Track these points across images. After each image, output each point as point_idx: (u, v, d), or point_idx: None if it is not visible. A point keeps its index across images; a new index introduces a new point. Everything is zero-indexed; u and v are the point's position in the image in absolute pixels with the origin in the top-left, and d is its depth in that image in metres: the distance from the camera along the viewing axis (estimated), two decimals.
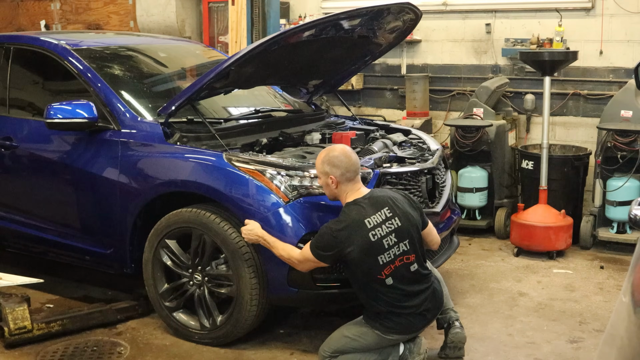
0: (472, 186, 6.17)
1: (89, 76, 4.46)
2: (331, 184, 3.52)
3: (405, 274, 3.46)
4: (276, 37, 4.05)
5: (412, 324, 3.49)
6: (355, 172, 3.53)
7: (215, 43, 7.52)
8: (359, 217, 3.43)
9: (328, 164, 3.51)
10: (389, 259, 3.42)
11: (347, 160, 3.51)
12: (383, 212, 3.46)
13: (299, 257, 3.54)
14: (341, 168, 3.49)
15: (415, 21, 4.87)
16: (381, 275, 3.41)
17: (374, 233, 3.40)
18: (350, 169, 3.50)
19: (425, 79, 7.05)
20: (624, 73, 6.32)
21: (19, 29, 8.91)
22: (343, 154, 3.53)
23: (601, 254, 5.73)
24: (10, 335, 3.99)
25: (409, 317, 3.47)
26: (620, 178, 5.64)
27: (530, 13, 6.69)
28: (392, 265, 3.42)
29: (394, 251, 3.43)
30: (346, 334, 3.53)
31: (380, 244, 3.41)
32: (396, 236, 3.45)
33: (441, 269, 4.77)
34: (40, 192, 4.64)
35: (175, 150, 4.05)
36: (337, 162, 3.50)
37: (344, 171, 3.49)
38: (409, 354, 3.57)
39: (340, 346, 3.51)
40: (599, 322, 4.37)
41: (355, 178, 3.54)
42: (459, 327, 3.76)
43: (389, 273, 3.41)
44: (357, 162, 3.56)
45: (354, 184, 3.54)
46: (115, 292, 4.84)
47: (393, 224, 3.46)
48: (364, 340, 3.49)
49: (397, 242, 3.45)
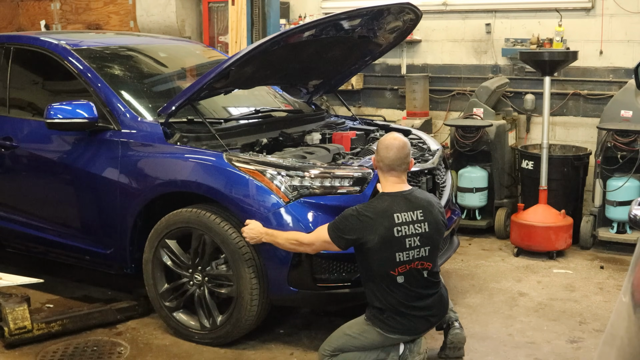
0: (472, 186, 6.17)
1: (89, 76, 4.46)
2: (375, 166, 3.54)
3: (417, 278, 3.45)
4: (276, 37, 4.05)
5: (414, 326, 3.48)
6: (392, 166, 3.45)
7: (215, 43, 7.52)
8: (389, 208, 3.40)
9: (378, 148, 3.51)
10: (406, 258, 3.40)
11: (386, 151, 3.45)
12: (416, 213, 3.44)
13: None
14: (380, 155, 3.46)
15: (416, 21, 4.87)
16: (394, 272, 3.39)
17: (399, 229, 3.38)
18: (385, 160, 3.44)
19: (425, 79, 7.05)
20: (624, 73, 6.32)
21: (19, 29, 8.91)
22: (386, 145, 3.48)
23: (601, 254, 5.73)
24: (10, 335, 3.99)
25: (413, 319, 3.46)
26: (620, 178, 5.64)
27: (530, 13, 6.69)
28: (408, 265, 3.41)
29: (414, 253, 3.42)
30: (347, 332, 3.53)
31: (402, 241, 3.39)
32: (420, 240, 3.43)
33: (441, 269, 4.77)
34: (41, 192, 4.64)
35: (175, 151, 4.05)
36: (381, 149, 3.47)
37: (382, 158, 3.46)
38: (409, 353, 3.56)
39: (340, 344, 3.51)
40: (599, 322, 4.37)
41: (393, 172, 3.46)
42: (459, 328, 3.76)
43: (402, 272, 3.40)
44: (399, 159, 3.45)
45: (393, 176, 3.47)
46: (115, 292, 4.84)
47: (422, 227, 3.44)
48: (365, 339, 3.49)
49: (419, 245, 3.43)
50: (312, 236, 3.52)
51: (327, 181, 3.82)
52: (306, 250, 3.58)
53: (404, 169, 3.50)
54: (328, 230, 3.44)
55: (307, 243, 3.52)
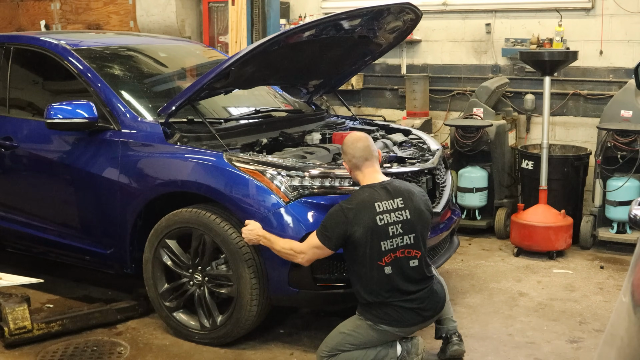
0: (472, 186, 6.17)
1: (89, 76, 4.46)
2: (346, 169, 3.66)
3: (405, 268, 3.48)
4: (276, 37, 4.05)
5: (403, 318, 3.48)
6: (363, 158, 3.56)
7: (215, 43, 7.52)
8: (369, 198, 3.47)
9: (342, 150, 3.67)
10: (391, 247, 3.44)
11: (352, 146, 3.59)
12: (396, 201, 3.50)
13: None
14: (348, 154, 3.60)
15: (416, 21, 4.87)
16: (381, 262, 3.43)
17: (381, 217, 3.43)
18: (355, 155, 3.57)
19: (425, 79, 7.05)
20: (624, 73, 6.32)
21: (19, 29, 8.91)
22: (351, 140, 3.62)
23: (601, 254, 5.73)
24: (10, 335, 3.99)
25: (401, 310, 3.47)
26: (620, 178, 5.64)
27: (530, 13, 6.69)
28: (393, 254, 3.45)
29: (397, 241, 3.46)
30: (341, 330, 3.56)
31: (385, 229, 3.43)
32: (402, 227, 3.48)
33: (441, 269, 4.78)
34: (41, 192, 4.64)
35: (175, 151, 4.05)
36: (345, 148, 3.63)
37: (351, 157, 3.59)
38: (407, 354, 3.57)
39: (336, 343, 3.52)
40: (599, 322, 4.37)
41: (365, 164, 3.57)
42: (457, 343, 3.77)
43: (389, 261, 3.44)
44: (366, 149, 3.57)
45: (367, 169, 3.57)
46: (115, 292, 4.84)
47: (403, 215, 3.49)
48: (359, 334, 3.50)
49: (402, 233, 3.47)
50: (304, 245, 3.55)
51: (327, 181, 3.82)
52: (299, 260, 3.58)
53: (375, 157, 3.60)
54: (317, 234, 3.49)
55: (299, 252, 3.55)
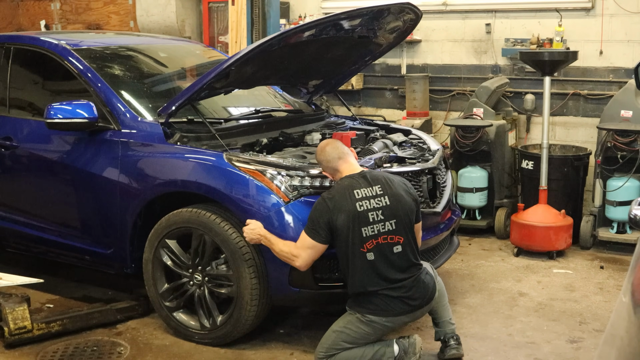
0: (472, 186, 6.17)
1: (89, 76, 4.46)
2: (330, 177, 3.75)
3: (388, 254, 3.50)
4: (276, 37, 4.05)
5: (390, 307, 3.48)
6: (335, 158, 3.67)
7: (215, 43, 7.52)
8: (348, 186, 3.57)
9: (318, 162, 3.77)
10: (372, 233, 3.49)
11: (320, 155, 3.72)
12: (375, 188, 3.58)
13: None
14: (323, 162, 3.72)
15: (416, 21, 4.87)
16: (363, 248, 3.48)
17: (360, 204, 3.51)
18: (328, 158, 3.68)
19: (425, 79, 7.05)
20: (624, 73, 6.32)
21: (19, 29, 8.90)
22: (320, 150, 3.74)
23: (601, 254, 5.73)
24: (10, 335, 3.99)
25: (387, 299, 3.47)
26: (620, 178, 5.64)
27: (530, 13, 6.69)
28: (375, 240, 3.49)
29: (378, 227, 3.51)
30: (334, 329, 3.58)
31: (365, 215, 3.50)
32: (382, 213, 3.53)
33: (441, 269, 4.78)
34: (41, 192, 4.64)
35: (175, 151, 4.05)
36: (319, 159, 3.74)
37: (326, 163, 3.70)
38: (404, 354, 3.57)
39: (331, 343, 3.54)
40: (599, 322, 4.37)
41: (338, 162, 3.67)
42: (455, 347, 3.78)
43: (370, 248, 3.48)
44: (333, 152, 3.68)
45: (342, 166, 3.67)
46: (115, 292, 4.84)
47: (382, 201, 3.56)
48: (351, 330, 3.52)
49: (383, 219, 3.52)
50: (297, 248, 3.56)
51: (327, 181, 3.82)
52: (296, 264, 3.59)
53: (348, 153, 3.72)
54: (305, 232, 3.55)
55: (296, 255, 3.56)
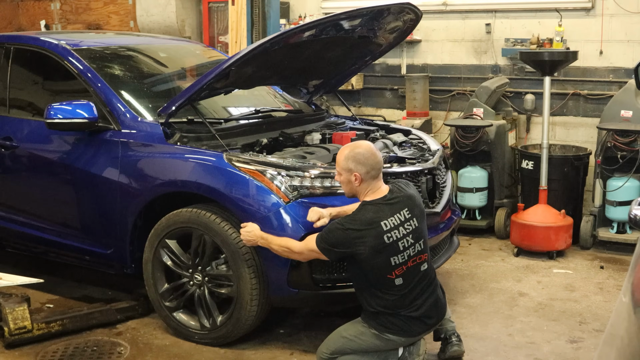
0: (472, 186, 6.17)
1: (89, 76, 4.46)
2: (354, 181, 3.40)
3: (415, 275, 3.43)
4: (276, 37, 4.05)
5: (410, 328, 3.44)
6: (380, 170, 3.44)
7: (215, 43, 7.52)
8: (375, 218, 3.34)
9: (353, 161, 3.39)
10: (402, 260, 3.37)
11: (373, 157, 3.40)
12: (402, 213, 3.40)
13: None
14: (367, 166, 3.38)
15: (416, 21, 4.87)
16: (391, 275, 3.35)
17: (389, 235, 3.32)
18: (375, 167, 3.40)
19: (425, 79, 7.05)
20: (624, 73, 6.32)
21: (19, 29, 8.91)
22: (369, 151, 3.42)
23: (601, 254, 5.73)
24: (10, 335, 3.99)
25: (408, 320, 3.42)
26: (620, 178, 5.64)
27: (530, 13, 6.69)
28: (405, 266, 3.38)
29: (409, 252, 3.39)
30: (344, 335, 3.51)
31: (395, 246, 3.34)
32: (413, 237, 3.41)
33: (441, 269, 4.79)
34: (41, 192, 4.64)
35: (175, 151, 4.05)
36: (363, 160, 3.38)
37: (369, 169, 3.38)
38: (408, 355, 3.55)
39: (338, 347, 3.49)
40: (599, 322, 4.37)
41: (379, 176, 3.45)
42: (457, 343, 3.77)
43: (400, 274, 3.37)
44: (382, 160, 3.48)
45: (377, 182, 3.43)
46: (115, 292, 4.84)
47: (411, 224, 3.41)
48: (362, 341, 3.46)
49: (413, 243, 3.40)
50: (302, 245, 3.51)
51: (327, 181, 3.82)
52: (296, 257, 3.59)
53: (381, 170, 3.46)
54: (316, 242, 3.41)
55: (297, 251, 3.52)
